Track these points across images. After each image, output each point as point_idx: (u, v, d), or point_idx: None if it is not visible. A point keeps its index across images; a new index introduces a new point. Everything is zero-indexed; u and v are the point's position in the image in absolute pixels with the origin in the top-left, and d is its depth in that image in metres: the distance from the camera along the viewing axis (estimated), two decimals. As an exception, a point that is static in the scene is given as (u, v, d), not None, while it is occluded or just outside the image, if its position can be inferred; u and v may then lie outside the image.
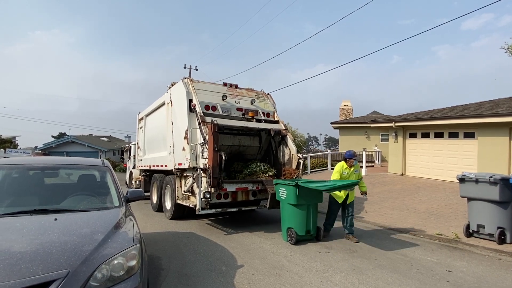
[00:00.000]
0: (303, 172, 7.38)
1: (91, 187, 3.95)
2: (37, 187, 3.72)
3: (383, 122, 15.33)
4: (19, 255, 2.27)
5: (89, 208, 3.39)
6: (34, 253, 2.30)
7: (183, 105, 7.02)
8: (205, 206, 6.11)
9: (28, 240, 2.49)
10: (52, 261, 2.25)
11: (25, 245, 2.41)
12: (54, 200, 3.49)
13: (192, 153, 6.56)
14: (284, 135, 7.75)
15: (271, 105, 8.29)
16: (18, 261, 2.20)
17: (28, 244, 2.42)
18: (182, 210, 7.59)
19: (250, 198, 6.84)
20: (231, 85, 7.89)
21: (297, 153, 7.38)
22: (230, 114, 7.40)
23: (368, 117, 25.21)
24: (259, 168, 7.22)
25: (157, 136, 9.18)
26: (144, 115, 10.60)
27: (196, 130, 6.66)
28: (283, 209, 5.96)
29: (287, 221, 5.85)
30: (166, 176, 8.37)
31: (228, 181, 6.44)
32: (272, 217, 8.24)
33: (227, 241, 5.83)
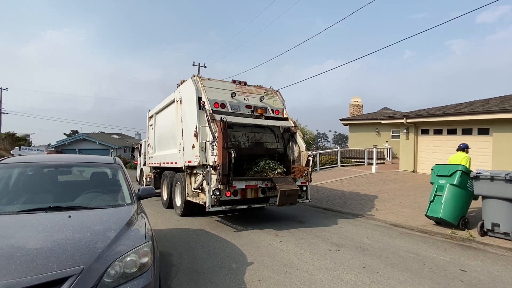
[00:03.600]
0: (312, 170, 7.34)
1: (103, 184, 4.01)
2: (51, 184, 3.80)
3: (394, 119, 15.11)
4: (35, 251, 2.32)
5: (102, 205, 3.44)
6: (50, 250, 2.34)
7: (192, 103, 7.05)
8: (214, 203, 6.14)
9: (44, 237, 2.54)
10: (67, 258, 2.29)
11: (40, 242, 2.46)
12: (68, 198, 3.56)
13: (201, 150, 6.59)
14: (294, 132, 7.71)
15: (280, 102, 8.26)
16: (34, 258, 2.25)
17: (43, 241, 2.48)
18: (192, 207, 7.65)
19: (260, 195, 6.85)
20: (240, 82, 7.89)
21: (306, 150, 7.34)
22: (239, 111, 7.40)
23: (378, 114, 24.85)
24: (268, 165, 7.21)
25: (167, 134, 9.25)
26: (154, 113, 10.69)
27: (206, 127, 6.68)
28: (463, 198, 6.33)
29: (464, 210, 6.39)
30: (176, 173, 8.44)
31: (238, 179, 6.45)
32: (281, 214, 8.24)
33: (236, 238, 5.85)
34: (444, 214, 6.38)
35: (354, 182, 12.77)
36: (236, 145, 7.07)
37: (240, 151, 7.06)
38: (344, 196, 10.33)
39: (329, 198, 10.08)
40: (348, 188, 11.56)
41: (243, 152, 7.13)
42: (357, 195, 10.30)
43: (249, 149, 7.30)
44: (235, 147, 7.03)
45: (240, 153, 6.97)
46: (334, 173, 15.46)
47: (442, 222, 6.61)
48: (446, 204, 6.40)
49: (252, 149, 7.36)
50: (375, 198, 9.73)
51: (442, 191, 6.50)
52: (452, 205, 6.37)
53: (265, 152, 7.55)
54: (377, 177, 13.44)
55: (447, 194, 6.41)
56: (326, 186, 12.24)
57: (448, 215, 6.37)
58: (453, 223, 6.39)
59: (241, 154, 7.04)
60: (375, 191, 10.84)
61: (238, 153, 6.82)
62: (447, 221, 6.40)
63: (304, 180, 7.12)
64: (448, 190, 6.41)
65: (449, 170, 6.49)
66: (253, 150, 7.37)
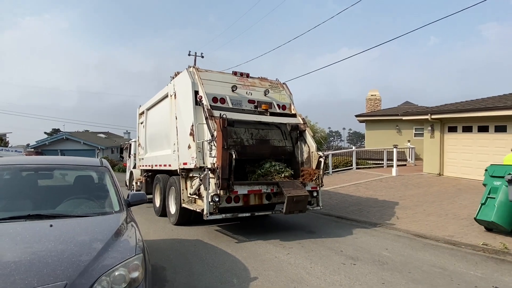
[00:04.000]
0: (324, 173, 7.33)
1: (89, 189, 4.04)
2: (30, 190, 3.84)
3: (417, 115, 15.02)
4: (13, 265, 2.34)
5: (87, 213, 3.46)
6: (29, 263, 2.37)
7: (188, 98, 7.07)
8: (213, 211, 6.15)
9: (22, 249, 2.57)
10: (49, 272, 2.31)
11: (19, 254, 2.49)
12: (49, 204, 3.59)
13: (198, 151, 6.60)
14: (302, 130, 7.71)
15: (287, 96, 8.24)
16: (12, 272, 2.27)
17: (22, 253, 2.50)
18: (188, 215, 7.67)
19: (264, 201, 6.85)
20: (242, 74, 7.89)
21: (317, 151, 7.33)
22: (241, 107, 7.40)
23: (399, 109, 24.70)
24: (274, 168, 7.20)
25: (160, 133, 9.28)
26: (145, 109, 10.73)
27: (203, 125, 6.70)
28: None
29: None
30: (170, 177, 8.47)
31: (239, 183, 6.46)
32: (288, 223, 8.23)
33: (238, 250, 5.86)
34: (497, 218, 6.38)
35: (372, 186, 12.71)
36: (239, 142, 7.04)
37: (244, 149, 7.02)
38: (360, 202, 10.29)
39: (343, 205, 10.04)
40: (364, 194, 11.51)
41: (247, 150, 7.07)
42: (375, 202, 10.26)
43: (253, 147, 7.24)
44: (237, 144, 6.99)
45: (243, 152, 6.94)
46: (349, 176, 15.39)
47: (493, 228, 6.63)
48: (499, 207, 6.39)
49: (257, 147, 7.30)
50: (396, 205, 9.68)
51: (496, 193, 6.51)
52: (506, 209, 6.35)
53: (272, 151, 7.50)
54: (397, 181, 13.37)
55: (501, 196, 6.40)
56: (340, 191, 12.20)
57: (501, 220, 6.36)
58: (505, 229, 6.38)
59: (244, 152, 7.00)
60: (395, 197, 10.78)
61: (240, 152, 6.83)
62: (500, 226, 6.40)
63: (314, 185, 7.11)
64: (503, 192, 6.39)
65: (505, 171, 6.47)
66: (257, 149, 7.30)
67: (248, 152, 7.15)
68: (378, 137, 23.33)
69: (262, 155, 7.38)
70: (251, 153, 7.23)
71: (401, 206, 9.43)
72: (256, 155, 7.30)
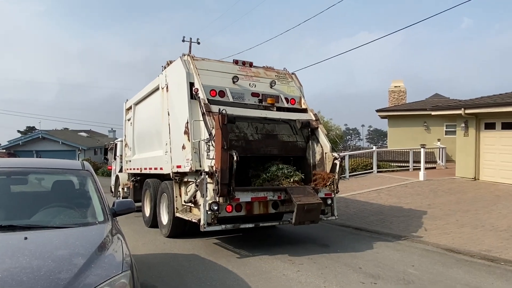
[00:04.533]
0: (340, 177, 7.32)
1: (69, 197, 4.08)
2: (1, 197, 3.87)
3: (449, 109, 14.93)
4: (-17, 283, 2.37)
5: (67, 224, 3.49)
6: (1, 282, 2.39)
7: (182, 90, 7.09)
8: (211, 221, 6.17)
9: (-7, 265, 2.59)
10: (23, 291, 2.33)
11: (-11, 271, 2.51)
12: (23, 214, 3.62)
13: (194, 152, 6.62)
14: (315, 128, 7.70)
15: (297, 89, 8.23)
16: (-18, 291, 2.30)
17: (-7, 270, 2.52)
18: (183, 226, 7.69)
19: (270, 210, 6.84)
20: (244, 63, 7.89)
21: (332, 152, 7.31)
22: (243, 100, 7.41)
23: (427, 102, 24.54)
24: (281, 171, 7.20)
25: (150, 131, 9.31)
26: (132, 104, 10.78)
27: (200, 122, 6.71)
28: None
29: None
30: (162, 182, 8.50)
31: (242, 189, 6.46)
32: (298, 235, 8.22)
33: (240, 267, 5.86)
34: None
35: (396, 193, 12.65)
36: (242, 137, 6.95)
37: (248, 145, 6.87)
38: (382, 211, 10.25)
39: (362, 214, 10.02)
40: (387, 201, 11.47)
41: (252, 146, 6.94)
42: (400, 210, 10.22)
43: (259, 142, 7.09)
44: (240, 138, 6.88)
45: (248, 148, 6.84)
46: (369, 181, 15.33)
47: None
48: None
49: (263, 142, 7.18)
50: (424, 214, 9.64)
51: None
52: None
53: (281, 147, 7.38)
54: (426, 187, 13.29)
55: None
56: (358, 198, 12.16)
57: None
58: None
59: (250, 148, 6.86)
60: (423, 205, 10.73)
61: (245, 148, 6.81)
62: None
63: (328, 191, 7.10)
64: None
65: None
66: (264, 144, 7.17)
67: (253, 148, 7.07)
68: (402, 135, 23.20)
69: (270, 151, 7.27)
70: (257, 149, 7.13)
71: (429, 216, 9.37)
72: (263, 152, 7.20)
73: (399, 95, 27.35)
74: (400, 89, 27.53)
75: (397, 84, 27.86)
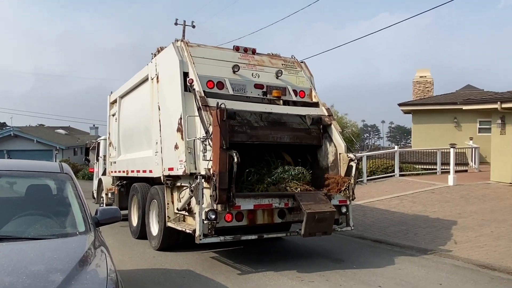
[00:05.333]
0: (356, 181, 7.31)
1: (45, 203, 4.08)
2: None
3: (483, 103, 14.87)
4: None
5: (43, 235, 3.50)
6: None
7: (175, 81, 7.09)
8: (208, 232, 6.17)
9: (-41, 282, 2.61)
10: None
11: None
12: (-7, 223, 3.63)
13: (189, 152, 6.63)
14: (327, 125, 7.69)
15: (307, 79, 8.22)
16: None
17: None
18: (175, 237, 7.71)
19: (276, 220, 6.85)
20: (246, 50, 7.90)
21: (347, 152, 7.30)
22: (245, 93, 7.41)
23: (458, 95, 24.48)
24: (287, 173, 7.20)
25: (138, 128, 9.33)
26: (118, 97, 10.80)
27: (195, 118, 6.72)
28: None
29: None
30: (151, 186, 8.52)
31: (243, 195, 6.47)
32: (308, 248, 8.23)
33: (241, 285, 5.86)
34: None
35: (421, 200, 12.62)
36: (245, 123, 6.84)
37: (255, 131, 6.89)
38: (405, 221, 10.23)
39: (381, 225, 10.01)
40: (411, 209, 11.44)
41: (259, 133, 6.89)
42: (425, 220, 10.19)
43: (266, 129, 7.06)
44: (244, 125, 6.83)
45: (254, 135, 6.87)
46: (390, 186, 15.29)
47: None
48: None
49: (271, 128, 7.13)
50: (453, 224, 9.61)
51: None
52: None
53: (292, 134, 7.33)
54: (455, 193, 13.25)
55: None
56: (377, 205, 12.14)
57: None
58: None
59: (256, 135, 6.89)
60: (452, 214, 10.70)
61: (250, 135, 6.77)
62: None
63: (343, 197, 7.09)
64: None
65: None
66: (273, 131, 7.13)
67: (260, 134, 7.00)
68: (429, 133, 23.13)
69: (280, 138, 7.21)
70: (264, 135, 7.03)
71: (460, 227, 9.35)
72: (272, 139, 7.12)
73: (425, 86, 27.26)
74: (426, 80, 27.44)
75: (423, 74, 27.77)
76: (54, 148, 37.88)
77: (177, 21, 30.84)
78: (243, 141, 6.73)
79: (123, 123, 10.55)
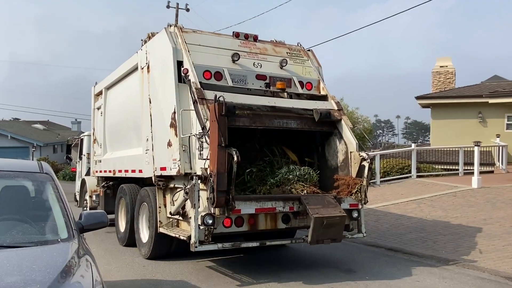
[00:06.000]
0: (369, 183, 7.30)
1: (22, 207, 4.07)
2: None
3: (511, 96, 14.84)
4: None
5: (20, 242, 3.49)
6: None
7: (167, 71, 7.08)
8: (205, 239, 6.17)
9: None
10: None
11: None
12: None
13: (183, 150, 6.63)
14: (337, 120, 7.68)
15: (314, 69, 8.21)
16: None
17: None
18: (168, 245, 7.72)
19: (280, 226, 6.84)
20: (247, 37, 7.88)
21: (359, 150, 7.30)
22: (246, 85, 7.40)
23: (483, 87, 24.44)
24: (292, 173, 7.21)
25: (126, 123, 9.32)
26: (104, 88, 10.79)
27: (190, 112, 6.71)
28: None
29: None
30: (141, 188, 8.53)
31: (244, 197, 6.47)
32: (316, 257, 8.24)
33: (242, 298, 5.87)
34: None
35: (441, 204, 12.61)
36: (247, 107, 6.81)
37: (258, 118, 6.91)
38: (423, 227, 10.24)
39: (397, 231, 10.01)
40: (430, 215, 11.45)
41: (262, 117, 6.96)
42: (446, 227, 10.20)
43: (270, 116, 7.08)
44: (246, 108, 6.82)
45: (258, 120, 6.88)
46: (406, 188, 15.28)
47: None
48: None
49: (276, 115, 7.16)
50: (477, 232, 9.60)
51: None
52: None
53: (300, 120, 7.34)
54: (480, 196, 13.23)
55: None
56: (392, 210, 12.14)
57: None
58: None
59: (260, 120, 6.90)
60: (477, 219, 10.70)
61: (254, 120, 6.78)
62: None
63: (355, 201, 7.09)
64: None
65: None
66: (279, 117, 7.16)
67: (264, 119, 7.01)
68: (450, 129, 23.11)
69: (287, 124, 7.23)
70: (269, 120, 7.06)
71: (485, 234, 9.34)
72: (277, 124, 7.14)
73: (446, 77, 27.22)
74: (447, 70, 27.40)
75: (444, 64, 27.72)
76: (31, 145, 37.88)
77: (169, 4, 30.79)
78: (246, 126, 6.76)
79: (109, 117, 10.54)
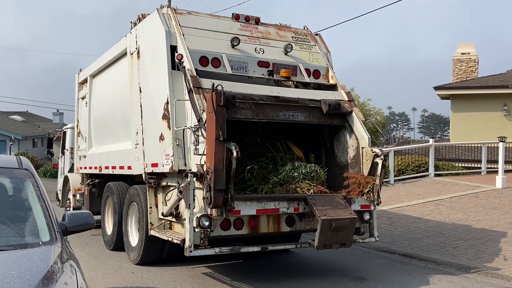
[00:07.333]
0: (382, 182, 7.30)
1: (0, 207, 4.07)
2: None
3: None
4: None
5: (-3, 245, 3.49)
6: None
7: (160, 57, 7.08)
8: (201, 243, 6.18)
9: None
10: None
11: None
12: None
13: (177, 145, 6.63)
14: (347, 112, 7.68)
15: (323, 56, 8.20)
16: None
17: None
18: (159, 249, 7.75)
19: (284, 228, 6.86)
20: (248, 19, 7.87)
21: (371, 146, 7.30)
22: (246, 72, 7.40)
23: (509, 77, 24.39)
24: (298, 171, 7.21)
25: (113, 114, 9.33)
26: (89, 76, 10.78)
27: (185, 102, 6.72)
28: None
29: None
30: (131, 186, 8.55)
31: (244, 197, 6.48)
32: (323, 263, 8.26)
33: (241, 308, 5.90)
34: None
35: (462, 205, 12.62)
36: (248, 97, 6.88)
37: (262, 109, 6.91)
38: (442, 231, 10.25)
39: (412, 236, 10.02)
40: (449, 217, 11.46)
41: (266, 108, 6.96)
42: (467, 231, 10.21)
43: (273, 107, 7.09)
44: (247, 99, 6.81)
45: (262, 111, 6.88)
46: (423, 188, 15.28)
47: None
48: None
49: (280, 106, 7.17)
50: (502, 236, 9.62)
51: None
52: None
53: (308, 112, 7.36)
54: (505, 197, 13.24)
55: None
56: (407, 212, 12.15)
57: None
58: None
59: (262, 112, 6.90)
60: (501, 223, 10.72)
61: (255, 111, 6.79)
62: None
63: (366, 202, 7.10)
64: None
65: None
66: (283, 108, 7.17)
67: (268, 111, 7.02)
68: (472, 123, 23.10)
69: (293, 116, 7.24)
70: (273, 112, 7.07)
71: (511, 239, 9.36)
72: (282, 116, 7.16)
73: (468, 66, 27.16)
74: (469, 58, 27.32)
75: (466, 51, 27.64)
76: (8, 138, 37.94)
77: (161, -18, 30.70)
78: (248, 119, 6.77)
79: (95, 108, 10.54)
